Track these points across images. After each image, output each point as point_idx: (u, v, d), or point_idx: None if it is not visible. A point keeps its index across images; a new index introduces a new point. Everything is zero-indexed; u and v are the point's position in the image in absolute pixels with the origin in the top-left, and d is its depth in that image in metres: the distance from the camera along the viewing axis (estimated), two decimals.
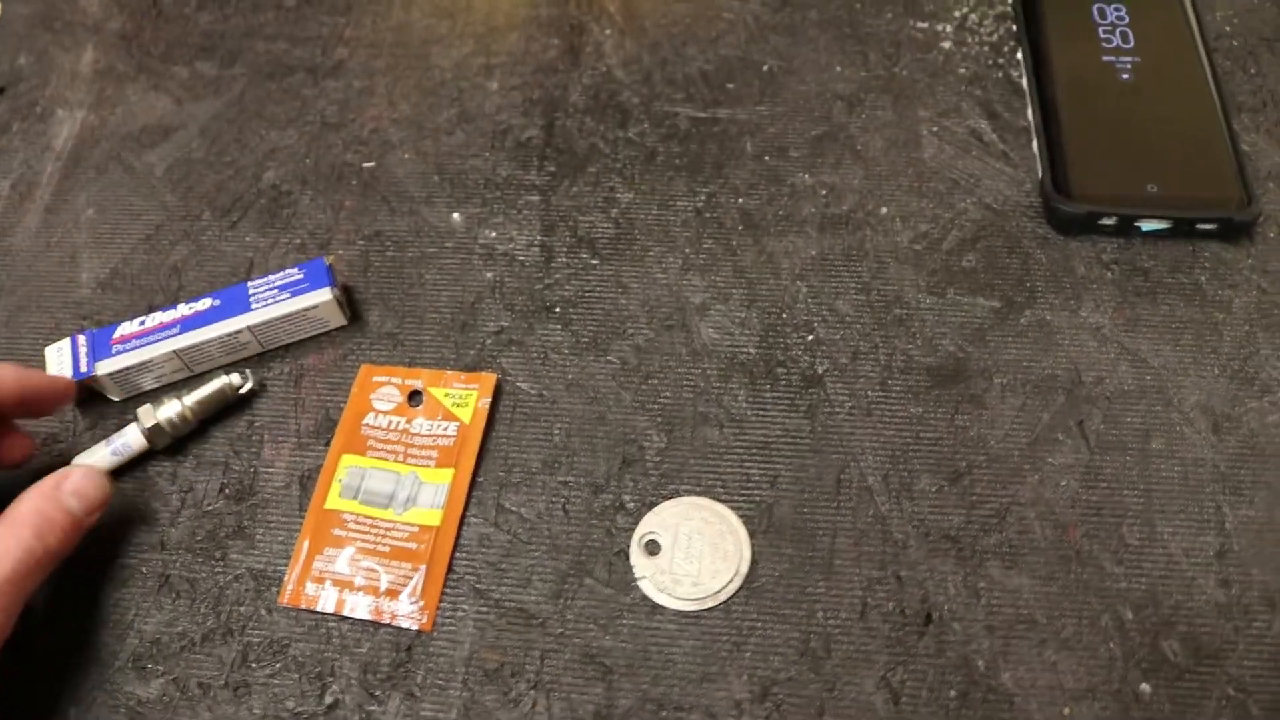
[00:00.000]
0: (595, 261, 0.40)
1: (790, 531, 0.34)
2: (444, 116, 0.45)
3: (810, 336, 0.38)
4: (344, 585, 0.33)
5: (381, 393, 0.37)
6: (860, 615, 0.32)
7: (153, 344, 0.37)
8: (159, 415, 0.36)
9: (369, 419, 0.37)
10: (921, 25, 0.46)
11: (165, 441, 0.36)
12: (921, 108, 0.44)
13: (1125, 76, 0.42)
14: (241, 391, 0.37)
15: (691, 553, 0.34)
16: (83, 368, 0.36)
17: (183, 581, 0.34)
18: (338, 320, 0.39)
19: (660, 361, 0.38)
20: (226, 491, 0.36)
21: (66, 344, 0.37)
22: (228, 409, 0.37)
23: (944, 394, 0.36)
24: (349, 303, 0.40)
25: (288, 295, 0.37)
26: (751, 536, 0.34)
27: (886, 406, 0.36)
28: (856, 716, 0.31)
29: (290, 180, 0.43)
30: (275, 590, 0.34)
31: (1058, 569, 0.33)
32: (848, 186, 0.42)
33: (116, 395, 0.38)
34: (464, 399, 0.37)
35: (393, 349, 0.39)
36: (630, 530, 0.34)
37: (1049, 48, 0.43)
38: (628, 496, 0.35)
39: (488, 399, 0.37)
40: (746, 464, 0.35)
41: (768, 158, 0.43)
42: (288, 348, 0.39)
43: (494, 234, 0.41)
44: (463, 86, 0.46)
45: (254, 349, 0.38)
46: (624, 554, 0.34)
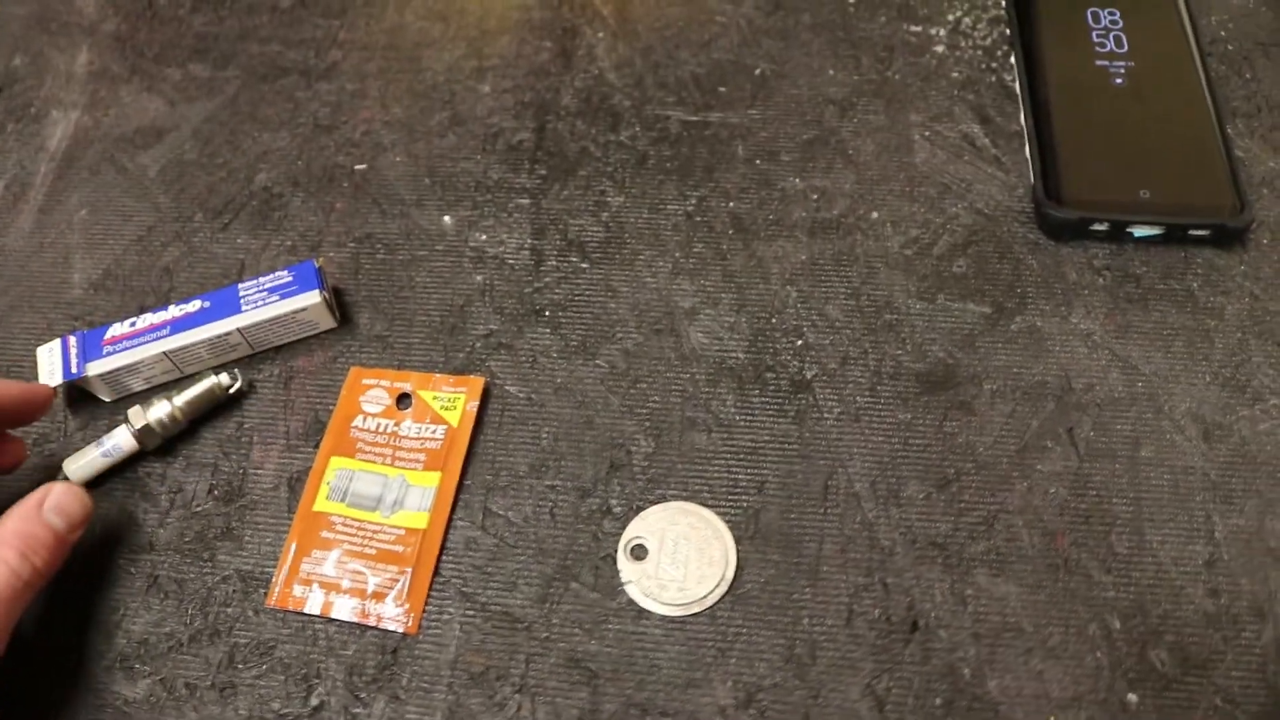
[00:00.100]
0: (585, 265, 0.40)
1: (777, 537, 0.34)
2: (436, 119, 0.45)
3: (799, 341, 0.38)
4: (331, 587, 0.34)
5: (370, 395, 0.37)
6: (846, 622, 0.32)
7: (143, 345, 0.37)
8: (149, 416, 0.36)
9: (358, 421, 0.37)
10: (915, 29, 0.46)
11: (155, 442, 0.36)
12: (914, 112, 0.43)
13: (1119, 81, 0.42)
14: (230, 391, 0.37)
15: (678, 558, 0.34)
16: (73, 369, 0.36)
17: (171, 582, 0.34)
18: (327, 323, 0.39)
19: (649, 366, 0.38)
20: (215, 493, 0.36)
21: (57, 345, 0.37)
22: (217, 410, 0.37)
23: (933, 400, 0.36)
24: (339, 305, 0.40)
25: (277, 298, 0.37)
26: (738, 542, 0.34)
27: (875, 412, 0.36)
28: None
29: (282, 182, 0.43)
30: (263, 592, 0.34)
31: (1045, 577, 0.33)
32: (839, 191, 0.41)
33: (107, 396, 0.38)
34: (452, 402, 0.37)
35: (382, 351, 0.39)
36: (617, 535, 0.34)
37: (1042, 52, 0.43)
38: (614, 501, 0.35)
39: (476, 402, 0.37)
40: (734, 469, 0.35)
41: (759, 162, 0.42)
42: (278, 350, 0.39)
43: (484, 237, 0.41)
44: (455, 89, 0.46)
45: (244, 351, 0.38)
46: (610, 559, 0.34)
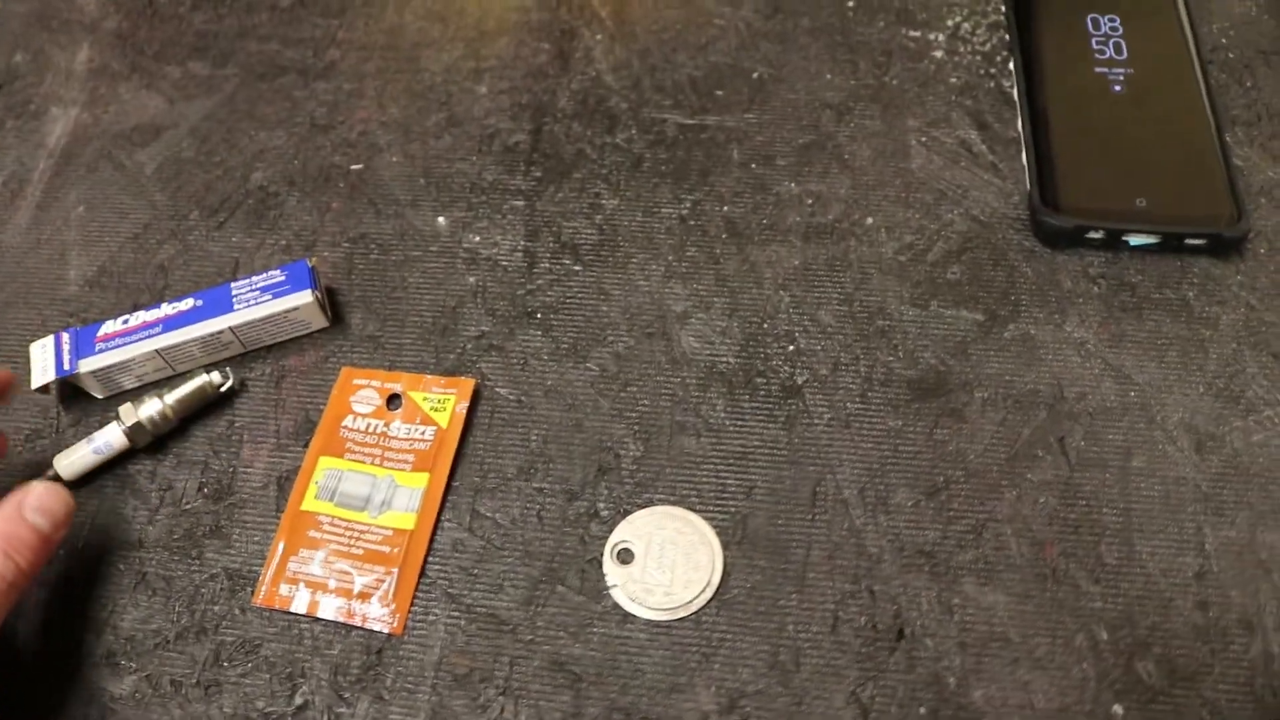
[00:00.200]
0: (578, 268, 0.40)
1: (764, 543, 0.34)
2: (432, 120, 0.45)
3: (791, 347, 0.38)
4: (317, 587, 0.34)
5: (361, 395, 0.37)
6: (832, 629, 0.32)
7: (135, 343, 0.37)
8: (140, 413, 0.36)
9: (348, 421, 0.37)
10: (914, 34, 0.46)
11: (146, 440, 0.36)
12: (911, 117, 0.43)
13: (1117, 88, 0.41)
14: (222, 390, 0.37)
15: (664, 562, 0.33)
16: (66, 365, 0.37)
17: (159, 579, 0.34)
18: (319, 322, 0.39)
19: (639, 369, 0.38)
20: (205, 491, 0.36)
21: (50, 341, 0.37)
22: (209, 408, 0.38)
23: (924, 407, 0.36)
24: (331, 305, 0.40)
25: (269, 297, 0.38)
26: (725, 547, 0.34)
27: (865, 419, 0.36)
28: None
29: (278, 181, 0.43)
30: (250, 590, 0.34)
31: (1033, 587, 0.33)
32: (834, 196, 0.41)
33: (99, 393, 0.38)
34: (442, 403, 0.37)
35: (374, 352, 0.39)
36: (603, 538, 0.34)
37: (1041, 58, 0.43)
38: (602, 504, 0.35)
39: (465, 404, 0.37)
40: (723, 474, 0.35)
41: (754, 166, 0.42)
42: (269, 349, 0.39)
43: (478, 238, 0.41)
44: (452, 90, 0.46)
45: (236, 349, 0.38)
46: (596, 562, 0.34)
